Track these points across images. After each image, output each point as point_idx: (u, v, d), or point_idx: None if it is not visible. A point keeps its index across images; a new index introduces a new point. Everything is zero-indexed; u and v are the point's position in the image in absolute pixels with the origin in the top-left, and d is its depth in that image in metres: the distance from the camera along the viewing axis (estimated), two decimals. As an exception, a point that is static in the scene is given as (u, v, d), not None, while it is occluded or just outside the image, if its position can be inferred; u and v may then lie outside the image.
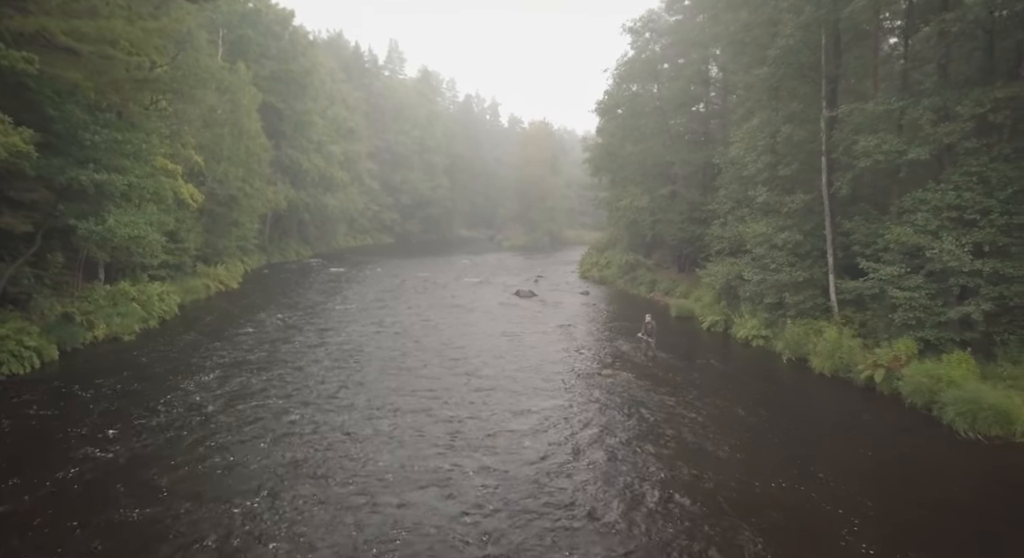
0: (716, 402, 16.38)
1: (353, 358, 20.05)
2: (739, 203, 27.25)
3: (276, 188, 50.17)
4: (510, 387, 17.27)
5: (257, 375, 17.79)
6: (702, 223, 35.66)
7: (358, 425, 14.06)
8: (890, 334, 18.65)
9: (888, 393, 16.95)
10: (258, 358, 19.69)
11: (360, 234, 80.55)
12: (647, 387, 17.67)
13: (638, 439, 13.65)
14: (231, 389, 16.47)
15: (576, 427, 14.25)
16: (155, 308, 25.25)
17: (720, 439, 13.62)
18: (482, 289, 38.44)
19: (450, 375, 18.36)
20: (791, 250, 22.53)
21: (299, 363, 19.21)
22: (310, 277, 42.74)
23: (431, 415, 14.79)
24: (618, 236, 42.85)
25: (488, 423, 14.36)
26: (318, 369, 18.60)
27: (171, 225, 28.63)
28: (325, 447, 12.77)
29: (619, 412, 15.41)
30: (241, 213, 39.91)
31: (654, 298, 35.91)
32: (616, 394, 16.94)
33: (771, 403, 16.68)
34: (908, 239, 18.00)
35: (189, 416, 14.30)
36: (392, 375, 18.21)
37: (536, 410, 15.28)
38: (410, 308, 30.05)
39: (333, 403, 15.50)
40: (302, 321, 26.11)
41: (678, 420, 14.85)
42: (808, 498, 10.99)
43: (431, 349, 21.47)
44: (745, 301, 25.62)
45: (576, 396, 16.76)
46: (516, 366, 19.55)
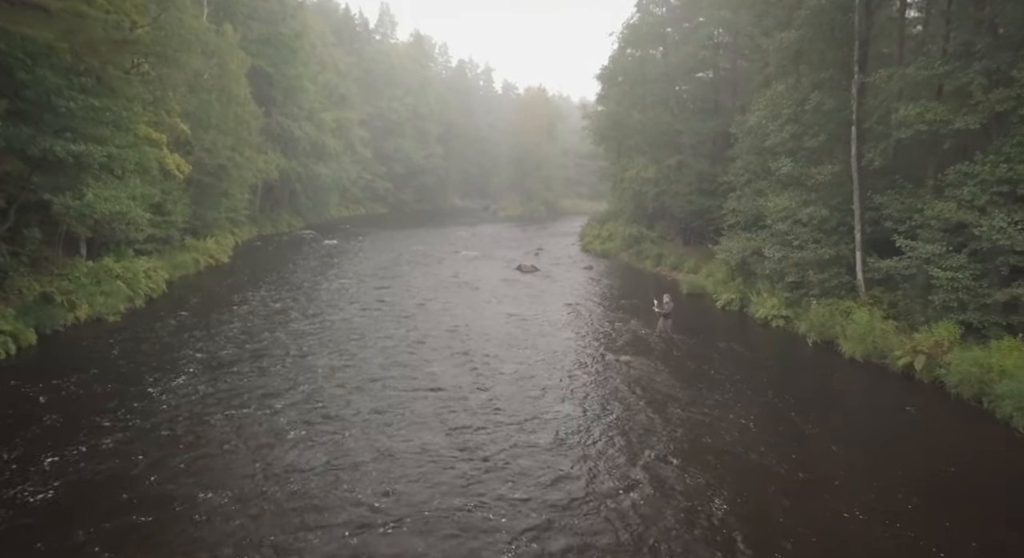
0: (749, 396, 15.14)
1: (352, 349, 18.28)
2: (756, 175, 25.93)
3: (267, 157, 48.31)
4: (525, 387, 15.30)
5: (250, 363, 16.51)
6: (711, 195, 34.42)
7: (356, 445, 11.85)
8: (927, 317, 17.54)
9: (929, 381, 15.84)
10: (250, 343, 18.38)
11: (352, 204, 78.74)
12: (670, 377, 16.51)
13: (678, 453, 12.16)
14: (222, 380, 15.20)
15: (603, 438, 12.55)
16: (141, 286, 23.83)
17: (766, 446, 12.27)
18: (482, 264, 37.13)
19: (457, 370, 16.61)
20: (816, 226, 21.28)
21: (294, 352, 17.64)
22: (303, 250, 41.30)
23: (441, 424, 12.78)
24: (622, 208, 41.45)
25: (502, 437, 12.33)
26: (314, 362, 16.92)
27: (157, 197, 27.20)
28: (320, 472, 11.05)
29: (645, 413, 14.05)
30: (231, 183, 38.31)
31: (661, 273, 34.74)
32: (638, 387, 15.69)
33: (808, 395, 15.54)
34: (951, 215, 16.77)
35: (177, 410, 13.05)
36: (396, 372, 16.19)
37: (554, 416, 13.57)
38: (409, 287, 28.68)
39: (328, 409, 13.81)
40: (295, 301, 24.74)
41: (714, 421, 13.55)
42: (875, 515, 9.88)
43: (435, 337, 19.86)
44: (763, 279, 24.46)
45: (596, 392, 15.47)
46: (527, 356, 18.08)
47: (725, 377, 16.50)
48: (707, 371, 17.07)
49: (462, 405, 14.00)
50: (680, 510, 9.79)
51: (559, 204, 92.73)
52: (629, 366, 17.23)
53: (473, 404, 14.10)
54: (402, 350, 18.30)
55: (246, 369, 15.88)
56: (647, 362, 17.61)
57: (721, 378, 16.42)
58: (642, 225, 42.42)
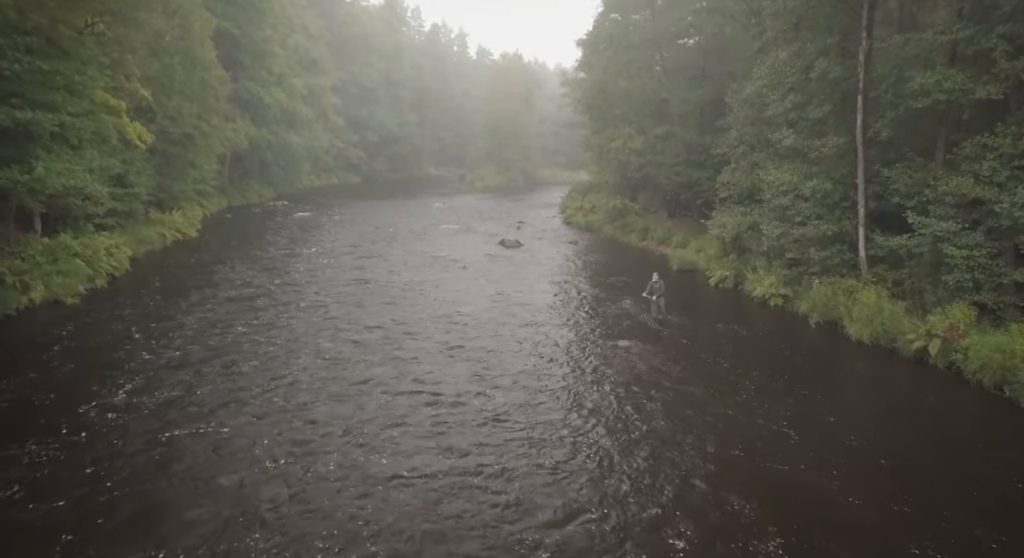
0: (762, 387, 14.24)
1: (332, 345, 16.41)
2: (752, 147, 24.90)
3: (235, 125, 46.08)
4: (530, 392, 13.53)
5: (218, 361, 15.20)
6: (699, 166, 33.41)
7: (341, 454, 10.64)
8: (938, 297, 16.78)
9: (944, 366, 15.12)
10: (219, 334, 16.95)
11: (325, 173, 76.39)
12: (671, 364, 15.59)
13: (693, 457, 11.31)
14: (184, 383, 13.92)
15: (608, 440, 11.58)
16: (103, 264, 22.26)
17: (788, 445, 11.47)
18: (463, 238, 35.83)
19: (448, 361, 15.27)
20: (819, 201, 20.36)
21: (266, 349, 15.96)
22: (275, 223, 39.59)
23: (438, 445, 10.96)
24: (607, 179, 40.27)
25: (503, 454, 10.69)
26: (288, 363, 15.35)
27: (117, 169, 25.50)
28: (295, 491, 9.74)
29: (649, 409, 13.16)
30: (197, 153, 36.33)
31: (648, 247, 33.79)
32: (639, 376, 14.75)
33: (821, 384, 14.68)
34: (968, 190, 15.89)
35: (125, 423, 11.59)
36: (382, 374, 14.23)
37: (556, 418, 12.39)
38: (389, 263, 27.36)
39: (308, 411, 12.60)
40: (269, 282, 23.23)
41: (728, 416, 12.66)
42: (913, 522, 9.07)
43: (420, 323, 18.42)
44: (759, 255, 23.59)
45: (593, 381, 14.51)
46: (519, 343, 16.95)
47: (733, 365, 15.59)
48: (713, 359, 16.16)
49: (460, 417, 12.26)
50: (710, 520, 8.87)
51: (537, 174, 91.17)
52: (629, 353, 16.27)
53: (474, 417, 12.35)
54: (387, 346, 16.30)
55: (213, 370, 14.37)
56: (647, 348, 16.66)
57: (729, 367, 15.50)
58: (625, 197, 41.39)
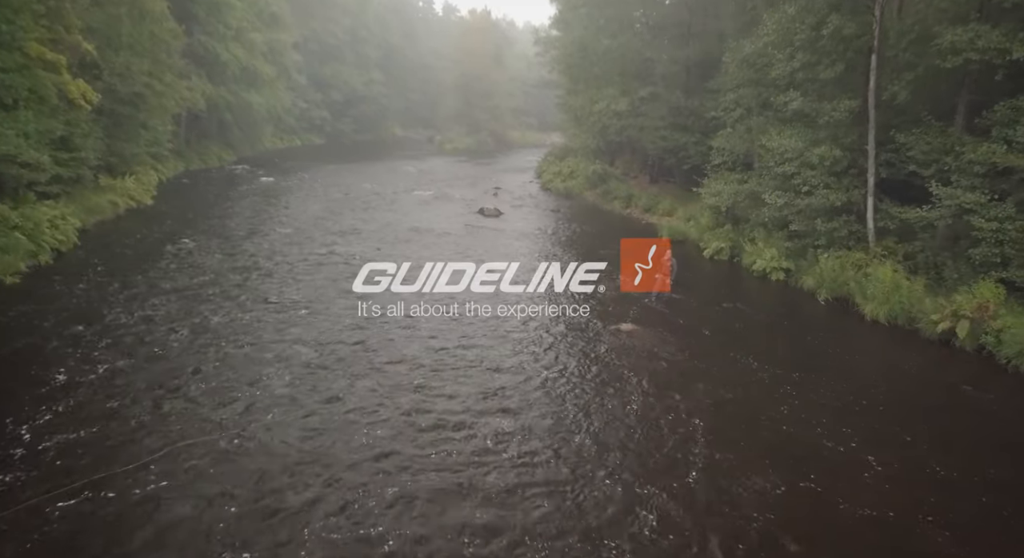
0: (783, 376, 13.04)
1: (306, 353, 13.45)
2: (749, 111, 23.46)
3: (191, 83, 43.04)
4: (545, 403, 11.60)
5: (183, 352, 13.52)
6: (685, 130, 32.00)
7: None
8: (960, 273, 15.76)
9: (972, 350, 14.13)
10: (179, 316, 15.23)
11: (287, 135, 73.12)
12: (680, 351, 14.32)
13: (729, 465, 10.15)
14: (147, 362, 12.29)
15: (627, 454, 10.35)
16: (46, 237, 20.08)
17: (829, 452, 10.27)
18: (439, 206, 33.99)
19: (434, 360, 13.08)
20: (827, 169, 19.10)
21: (231, 323, 14.52)
22: (237, 188, 37.17)
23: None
24: (588, 142, 38.60)
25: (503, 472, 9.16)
26: (261, 338, 13.80)
27: (60, 131, 23.12)
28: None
29: (663, 410, 11.77)
30: (150, 113, 33.56)
31: (632, 215, 32.42)
32: (648, 368, 13.47)
33: (844, 371, 13.59)
34: (1000, 159, 14.74)
35: (90, 404, 10.19)
36: (363, 380, 11.97)
37: (565, 428, 10.73)
38: (362, 235, 25.43)
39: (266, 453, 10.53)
40: (232, 252, 21.35)
41: (753, 412, 11.50)
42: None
43: (407, 321, 15.60)
44: (757, 226, 22.36)
45: (600, 374, 13.14)
46: (512, 331, 15.23)
47: (748, 354, 14.26)
48: (718, 342, 14.98)
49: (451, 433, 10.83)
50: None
51: (507, 135, 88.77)
52: (632, 338, 14.95)
53: (467, 445, 10.63)
54: (370, 357, 13.14)
55: (153, 393, 12.79)
56: (650, 332, 15.35)
57: (745, 356, 14.16)
58: (604, 161, 39.88)
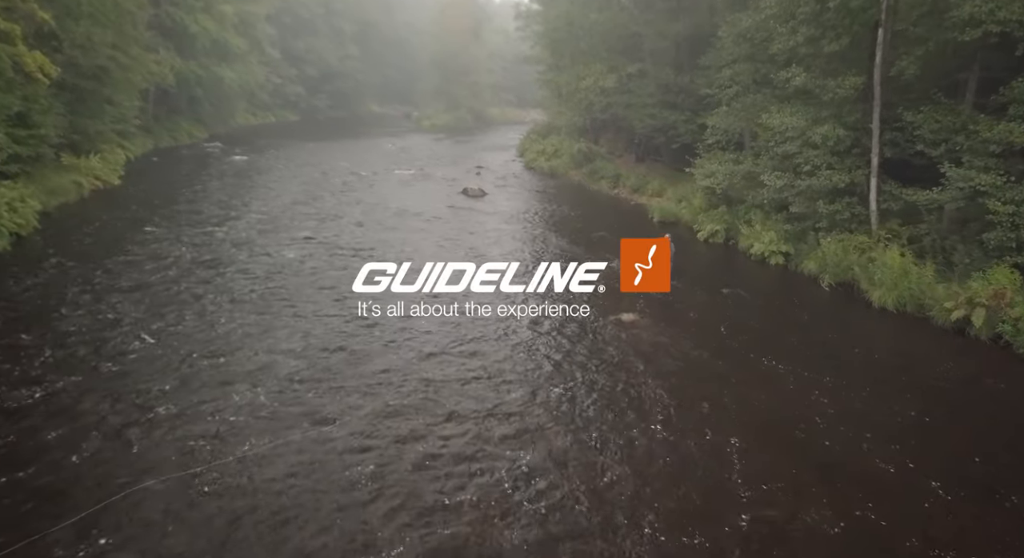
0: (794, 368, 12.37)
1: (286, 331, 13.13)
2: (746, 88, 22.48)
3: (159, 57, 41.09)
4: (525, 380, 11.50)
5: (145, 366, 12.32)
6: (675, 108, 31.02)
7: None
8: (972, 258, 15.07)
9: (988, 339, 13.49)
10: (143, 319, 13.99)
11: (261, 111, 70.96)
12: (688, 345, 13.50)
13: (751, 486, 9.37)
14: (101, 380, 11.17)
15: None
16: (4, 221, 18.85)
17: (880, 473, 9.44)
18: (421, 186, 32.79)
19: (435, 371, 11.89)
20: (830, 148, 18.27)
21: (202, 327, 13.26)
22: (209, 168, 35.59)
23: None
24: (575, 120, 37.48)
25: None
26: (237, 344, 12.56)
27: (17, 107, 21.63)
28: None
29: (690, 426, 10.79)
30: (115, 88, 31.88)
31: (620, 196, 31.48)
32: (661, 370, 12.61)
33: (858, 363, 12.98)
34: (1019, 138, 14.03)
35: (28, 437, 9.08)
36: (352, 397, 10.64)
37: (588, 459, 9.95)
38: (343, 218, 24.22)
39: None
40: (205, 241, 20.10)
41: (783, 421, 10.67)
42: None
43: (398, 322, 14.21)
44: (754, 208, 21.53)
45: (611, 386, 12.18)
46: (512, 323, 14.36)
47: (756, 346, 13.57)
48: (731, 336, 14.18)
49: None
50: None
51: (486, 112, 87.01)
52: (635, 328, 14.09)
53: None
54: (363, 369, 11.74)
55: (144, 362, 11.70)
56: (652, 323, 14.54)
57: (753, 348, 13.46)
58: (588, 140, 38.86)
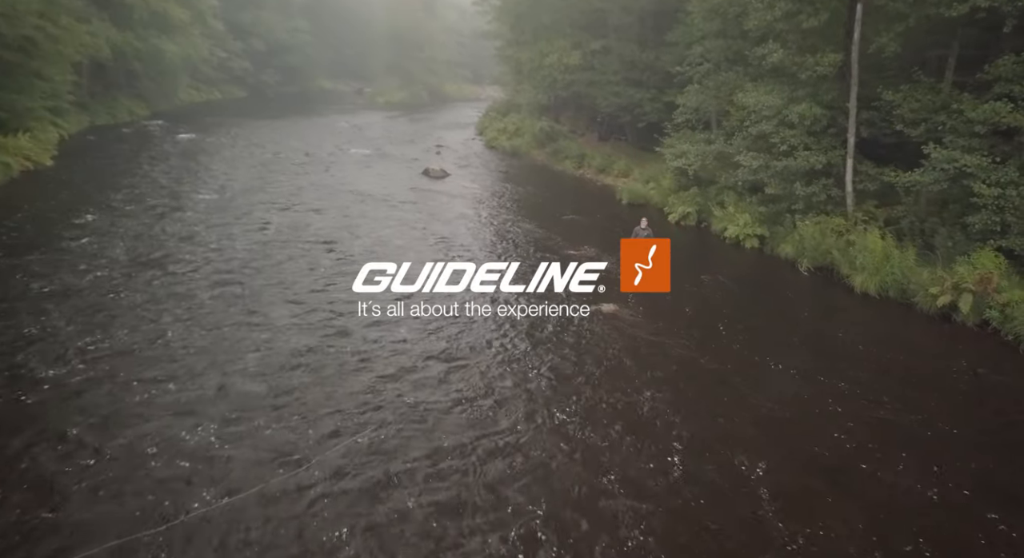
0: (798, 368, 11.77)
1: (241, 336, 12.03)
2: (717, 65, 21.89)
3: (92, 28, 38.43)
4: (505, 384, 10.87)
5: (63, 404, 10.95)
6: (640, 85, 30.37)
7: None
8: (955, 241, 14.79)
9: (975, 325, 13.23)
10: (67, 338, 12.46)
11: (206, 86, 67.71)
12: (675, 340, 12.88)
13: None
14: (34, 396, 10.00)
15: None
16: (-82, 209, 17.13)
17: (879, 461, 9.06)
18: (380, 166, 31.44)
19: (428, 395, 10.56)
20: (807, 128, 17.81)
21: (141, 345, 11.59)
22: (152, 149, 33.44)
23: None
24: (539, 97, 36.49)
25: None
26: (184, 366, 10.80)
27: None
28: None
29: (703, 441, 10.25)
30: (45, 61, 29.67)
31: (586, 176, 30.74)
32: (653, 372, 11.95)
33: (844, 352, 12.55)
34: (1007, 118, 13.69)
35: None
36: (323, 408, 9.61)
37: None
38: (300, 205, 22.66)
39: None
40: (148, 232, 18.36)
41: (800, 432, 10.05)
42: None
43: (350, 296, 13.77)
44: (726, 190, 21.05)
45: (604, 390, 11.51)
46: (489, 319, 13.57)
47: (746, 336, 13.13)
48: (716, 326, 13.59)
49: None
50: None
51: (442, 89, 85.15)
52: (617, 320, 13.43)
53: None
54: (339, 392, 10.36)
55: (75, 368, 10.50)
56: (633, 314, 13.86)
57: (743, 339, 12.98)
58: (549, 118, 38.01)
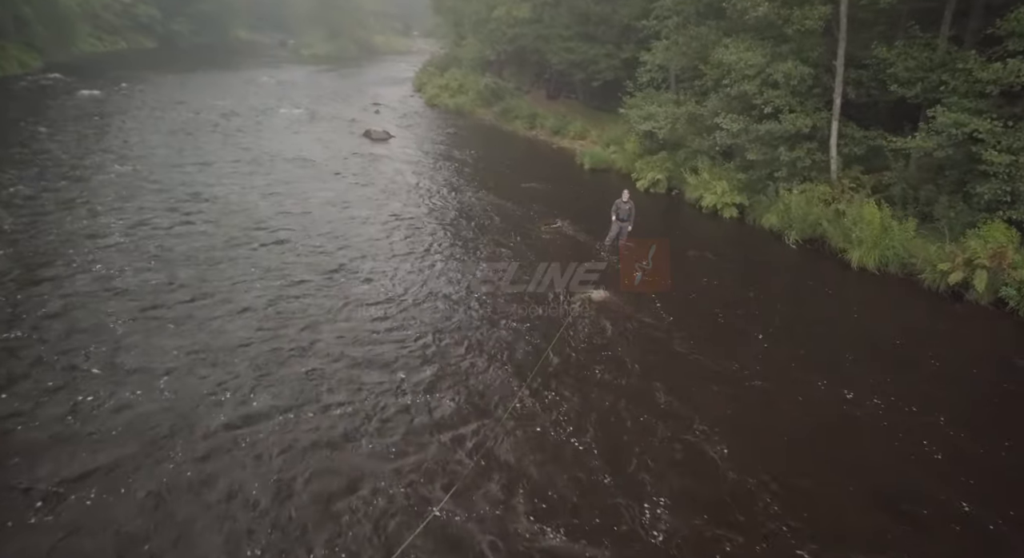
0: (787, 348, 10.77)
1: (162, 312, 10.79)
2: (688, 19, 20.31)
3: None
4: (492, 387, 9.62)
5: None
6: (594, 40, 28.66)
7: None
8: (956, 211, 13.89)
9: (990, 304, 12.34)
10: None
11: (109, 36, 61.92)
12: (672, 329, 11.50)
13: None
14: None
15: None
16: None
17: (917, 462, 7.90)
18: (316, 128, 28.65)
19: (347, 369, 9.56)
20: (792, 88, 16.53)
21: (40, 366, 9.39)
22: (47, 109, 29.25)
23: None
24: (485, 53, 34.18)
25: None
26: (80, 412, 8.79)
27: None
28: None
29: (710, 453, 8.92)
30: (-88, 6, 25.63)
31: (539, 138, 28.88)
32: (638, 352, 10.58)
33: (855, 338, 11.44)
34: (1012, 78, 12.68)
35: None
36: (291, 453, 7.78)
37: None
38: (230, 177, 19.84)
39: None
40: (40, 221, 14.88)
41: (823, 439, 8.91)
42: None
43: (287, 279, 12.46)
44: (700, 155, 19.71)
45: (595, 384, 10.09)
46: (463, 313, 11.97)
47: (745, 321, 11.81)
48: (713, 310, 12.29)
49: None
50: None
51: (371, 41, 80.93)
52: (604, 307, 11.92)
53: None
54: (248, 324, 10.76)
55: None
56: (625, 300, 12.35)
57: (743, 326, 11.68)
58: (493, 74, 35.93)
